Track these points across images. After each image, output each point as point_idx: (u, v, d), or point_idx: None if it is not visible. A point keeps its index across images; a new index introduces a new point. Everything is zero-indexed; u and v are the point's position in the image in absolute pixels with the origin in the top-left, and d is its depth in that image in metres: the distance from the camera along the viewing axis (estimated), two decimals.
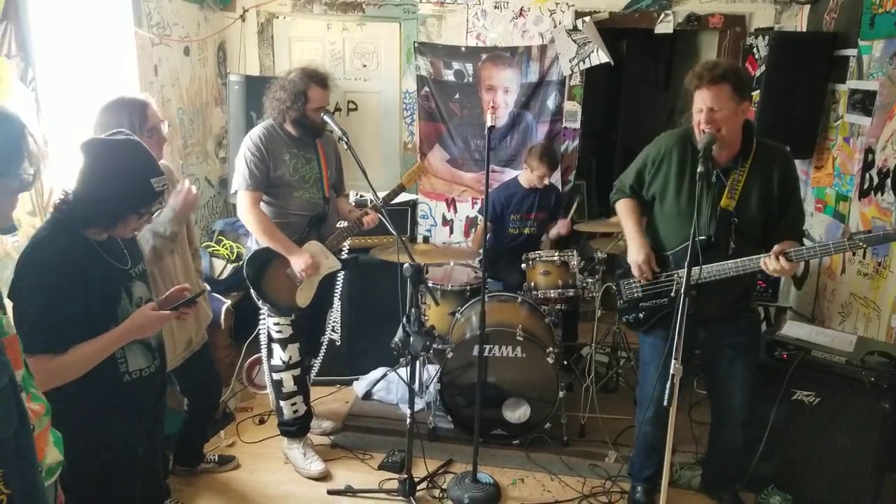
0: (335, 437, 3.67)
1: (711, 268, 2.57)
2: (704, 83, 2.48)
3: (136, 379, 2.06)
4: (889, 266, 3.26)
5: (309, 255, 3.11)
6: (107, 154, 1.96)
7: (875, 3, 3.54)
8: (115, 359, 1.99)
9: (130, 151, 1.98)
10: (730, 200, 2.59)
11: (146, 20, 3.86)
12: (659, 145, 2.77)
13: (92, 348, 1.89)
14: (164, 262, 2.67)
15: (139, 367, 2.08)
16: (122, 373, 2.03)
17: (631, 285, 2.87)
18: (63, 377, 1.84)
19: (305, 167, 3.18)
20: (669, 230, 2.75)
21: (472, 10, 4.92)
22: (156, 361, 2.16)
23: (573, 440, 3.63)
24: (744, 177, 2.59)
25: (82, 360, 1.87)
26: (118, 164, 1.94)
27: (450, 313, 3.97)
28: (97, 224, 1.95)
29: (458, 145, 5.17)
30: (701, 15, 4.73)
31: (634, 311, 2.87)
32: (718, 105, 2.47)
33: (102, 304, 1.94)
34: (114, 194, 1.91)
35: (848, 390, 2.85)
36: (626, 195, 2.91)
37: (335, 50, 5.15)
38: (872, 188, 3.48)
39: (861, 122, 3.65)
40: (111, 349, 1.95)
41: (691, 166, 2.61)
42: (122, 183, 1.93)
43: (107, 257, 1.99)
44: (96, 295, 1.92)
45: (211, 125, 4.86)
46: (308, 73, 3.10)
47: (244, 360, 4.05)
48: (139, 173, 1.96)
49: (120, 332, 1.95)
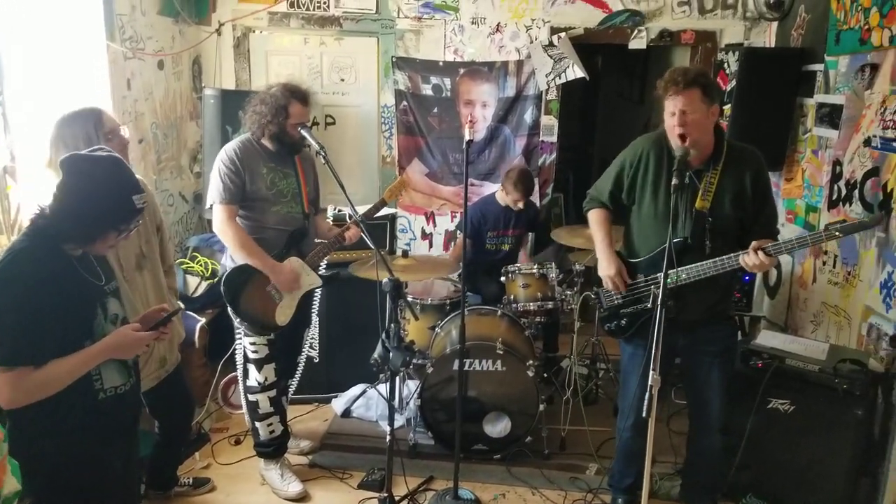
0: (313, 457, 3.62)
1: (691, 269, 2.61)
2: (677, 88, 2.55)
3: (111, 396, 2.03)
4: (858, 275, 3.33)
5: (289, 270, 3.09)
6: (89, 170, 1.94)
7: (840, 19, 3.63)
8: (91, 376, 1.97)
9: (112, 168, 1.97)
10: (704, 202, 2.64)
11: (119, 34, 3.83)
12: (636, 149, 2.81)
13: (71, 363, 1.88)
14: (133, 278, 2.64)
15: (114, 385, 2.05)
16: (97, 390, 2.00)
17: (610, 293, 2.89)
18: (41, 392, 1.84)
19: (283, 182, 3.16)
20: (646, 234, 2.79)
21: (449, 25, 4.96)
22: (131, 379, 2.13)
23: (554, 453, 3.63)
24: (717, 178, 2.65)
25: (61, 374, 1.86)
26: (100, 180, 1.93)
27: (429, 328, 3.97)
28: (76, 240, 1.94)
29: (436, 159, 5.19)
30: (673, 31, 4.82)
31: (616, 319, 2.89)
32: (691, 108, 2.55)
33: (79, 319, 1.93)
34: (95, 211, 1.91)
35: (822, 398, 2.90)
36: (600, 204, 2.94)
37: (313, 64, 5.15)
38: (841, 199, 3.56)
39: (829, 135, 3.74)
40: (90, 365, 1.93)
41: (667, 170, 2.66)
42: (103, 199, 1.92)
43: (83, 273, 1.98)
44: (73, 309, 1.91)
45: (185, 140, 4.82)
46: (290, 88, 3.09)
47: (219, 380, 3.98)
48: (120, 190, 1.95)
49: (99, 350, 1.93)
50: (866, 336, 3.22)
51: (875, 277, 3.17)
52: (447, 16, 4.94)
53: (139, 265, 2.69)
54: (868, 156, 3.30)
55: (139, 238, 2.70)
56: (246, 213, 3.11)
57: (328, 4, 4.95)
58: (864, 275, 3.28)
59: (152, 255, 2.78)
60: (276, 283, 3.07)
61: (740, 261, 2.52)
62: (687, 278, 2.62)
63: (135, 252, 2.67)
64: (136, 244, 2.69)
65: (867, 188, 3.29)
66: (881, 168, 3.18)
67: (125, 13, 3.90)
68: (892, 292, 3.03)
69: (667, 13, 4.80)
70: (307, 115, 3.14)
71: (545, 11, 4.87)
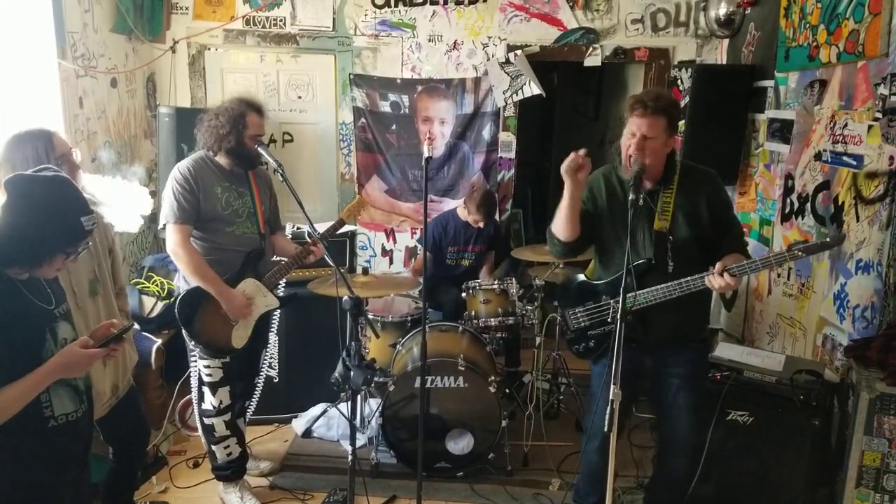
0: (274, 478, 3.54)
1: (656, 290, 2.62)
2: (645, 111, 2.55)
3: (62, 424, 1.95)
4: (812, 286, 3.40)
5: (242, 296, 3.02)
6: (34, 191, 1.85)
7: (789, 37, 3.74)
8: (40, 402, 1.88)
9: (59, 188, 1.90)
10: (663, 222, 2.66)
11: (70, 51, 3.74)
12: (589, 183, 2.78)
13: (17, 390, 1.78)
14: (86, 304, 2.55)
15: (66, 412, 1.97)
16: (46, 417, 1.91)
17: (577, 315, 2.88)
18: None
19: (238, 201, 3.10)
20: (609, 256, 2.79)
21: (406, 42, 4.97)
22: (83, 405, 2.05)
23: (517, 469, 3.62)
24: (672, 198, 2.67)
25: (8, 401, 1.77)
26: (46, 201, 1.85)
27: (390, 345, 3.93)
28: (20, 263, 1.85)
29: (395, 176, 5.17)
30: (627, 48, 4.91)
31: (584, 341, 2.88)
32: (653, 134, 2.55)
33: (26, 346, 1.84)
34: (41, 233, 1.82)
35: (779, 409, 2.93)
36: None
37: (269, 82, 5.10)
38: (793, 212, 3.64)
39: (780, 149, 3.83)
40: (38, 390, 1.84)
41: (621, 194, 2.69)
42: (51, 221, 1.84)
43: (30, 296, 1.89)
44: (19, 336, 1.82)
45: (140, 158, 4.72)
46: (245, 100, 3.07)
47: (176, 401, 3.89)
48: (68, 212, 1.87)
49: (46, 371, 1.84)
50: (821, 347, 3.29)
51: (828, 289, 3.24)
52: (404, 33, 4.95)
53: (93, 290, 2.60)
54: (819, 169, 3.39)
55: (92, 261, 2.61)
56: (200, 234, 3.04)
57: (284, 22, 4.92)
58: (817, 286, 3.36)
59: (104, 279, 2.69)
60: (228, 311, 3.00)
61: (706, 281, 2.54)
62: (653, 299, 2.63)
63: (88, 277, 2.58)
64: (90, 268, 2.60)
65: (818, 201, 3.38)
66: (832, 181, 3.26)
67: (77, 31, 3.81)
68: (846, 303, 3.09)
69: (621, 31, 4.89)
70: (263, 128, 3.10)
71: (501, 29, 4.92)
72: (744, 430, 3.02)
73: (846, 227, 3.10)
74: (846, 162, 3.12)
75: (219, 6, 4.91)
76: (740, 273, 2.50)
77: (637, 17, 4.87)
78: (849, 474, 2.61)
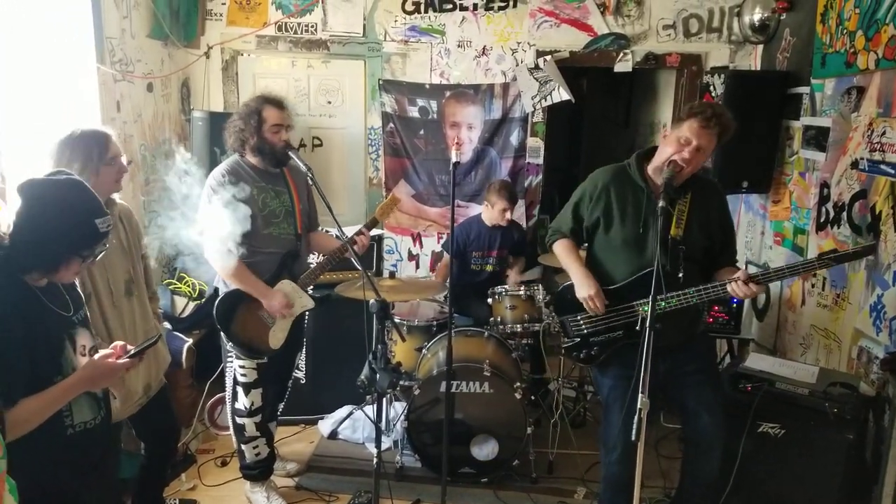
0: (300, 479, 3.57)
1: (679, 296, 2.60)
2: (709, 123, 2.52)
3: (80, 432, 1.95)
4: (847, 297, 3.33)
5: (283, 294, 3.05)
6: (47, 195, 1.85)
7: (825, 43, 3.67)
8: (61, 411, 1.87)
9: (72, 191, 1.89)
10: (678, 229, 2.65)
11: (109, 57, 3.82)
12: (594, 181, 2.83)
13: (41, 402, 1.78)
14: (122, 304, 2.60)
15: (84, 420, 1.97)
16: (66, 426, 1.92)
17: (578, 321, 2.86)
18: (14, 432, 1.72)
19: (275, 201, 3.12)
20: (616, 261, 2.78)
21: (435, 48, 4.99)
22: (101, 412, 2.05)
23: (542, 477, 3.59)
24: (687, 207, 2.67)
25: (31, 414, 1.76)
26: (60, 204, 1.84)
27: (416, 349, 3.94)
28: (38, 269, 1.84)
29: (422, 180, 5.19)
30: (658, 54, 4.87)
31: (586, 347, 2.85)
32: (708, 149, 2.56)
33: (46, 354, 1.83)
34: (56, 237, 1.82)
35: (812, 422, 2.88)
36: (561, 236, 2.94)
37: (300, 87, 5.15)
38: (829, 221, 3.57)
39: (815, 157, 3.76)
40: (62, 402, 1.83)
41: (633, 198, 2.70)
42: (64, 224, 1.83)
43: (49, 304, 1.88)
44: (39, 344, 1.81)
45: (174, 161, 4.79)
46: (262, 95, 3.11)
47: (206, 401, 3.94)
48: (82, 214, 1.87)
49: (71, 384, 1.83)
50: (856, 359, 3.22)
51: (864, 300, 3.17)
52: (433, 39, 4.97)
53: (128, 290, 2.65)
54: (855, 178, 3.33)
55: (127, 262, 2.67)
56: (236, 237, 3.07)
57: (316, 28, 4.97)
58: (853, 297, 3.29)
59: (139, 280, 2.75)
60: (268, 309, 3.04)
61: (729, 289, 2.51)
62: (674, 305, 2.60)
63: (124, 277, 2.64)
64: (126, 268, 2.65)
65: (855, 210, 3.31)
66: (869, 190, 3.20)
67: (115, 36, 3.89)
68: (882, 315, 3.03)
69: (652, 36, 4.85)
70: (283, 118, 3.09)
71: (531, 35, 4.91)
72: (775, 443, 2.97)
73: (883, 236, 3.04)
74: (884, 170, 3.06)
75: (252, 12, 4.98)
76: (766, 280, 2.46)
77: (669, 23, 4.83)
78: (884, 490, 2.56)
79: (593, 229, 2.82)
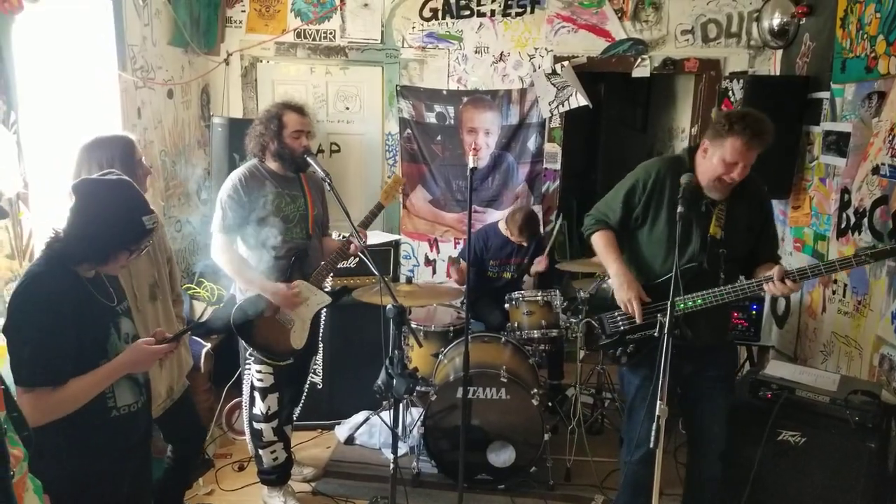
0: (316, 484, 3.58)
1: (706, 294, 2.58)
2: (752, 143, 2.48)
3: (123, 415, 2.08)
4: (869, 304, 3.29)
5: (284, 285, 3.06)
6: (99, 193, 2.01)
7: (845, 47, 3.64)
8: (104, 394, 2.01)
9: (122, 190, 2.04)
10: (717, 229, 2.62)
11: (130, 64, 3.87)
12: (648, 170, 2.73)
13: (88, 382, 1.93)
14: (146, 308, 2.63)
15: (127, 403, 2.10)
16: (110, 408, 2.04)
17: (615, 318, 2.82)
18: (60, 411, 1.88)
19: (290, 206, 3.15)
20: (656, 257, 2.74)
21: (453, 54, 5.00)
22: (142, 397, 2.17)
23: (559, 484, 3.58)
24: (730, 207, 2.65)
25: (78, 393, 1.90)
26: (110, 202, 2.00)
27: (433, 355, 3.94)
28: (88, 261, 1.99)
29: (440, 186, 5.20)
30: (677, 59, 4.85)
31: (622, 345, 2.80)
32: (748, 164, 2.52)
33: (93, 339, 1.98)
34: (106, 231, 1.97)
35: (833, 430, 2.84)
36: (604, 226, 2.83)
37: (318, 93, 5.19)
38: (850, 227, 3.53)
39: (836, 162, 3.73)
40: (106, 383, 1.98)
41: (699, 204, 2.64)
42: (114, 220, 1.98)
43: (96, 294, 2.03)
44: (88, 330, 1.96)
45: (193, 167, 4.84)
46: (282, 102, 3.14)
47: (224, 405, 3.96)
48: (130, 211, 2.01)
49: (115, 366, 1.99)
50: (878, 367, 3.18)
51: (886, 307, 3.13)
52: (451, 45, 4.99)
53: (152, 295, 2.69)
54: (877, 184, 3.29)
55: (152, 268, 2.71)
56: (251, 244, 3.10)
57: (334, 35, 5.01)
58: (874, 304, 3.25)
59: (163, 284, 2.79)
60: (276, 302, 3.04)
61: (766, 288, 2.48)
62: (703, 304, 2.58)
63: (148, 282, 2.68)
64: (150, 273, 2.70)
65: (876, 216, 3.27)
66: (890, 196, 3.16)
67: (137, 44, 3.94)
68: None
69: (670, 42, 4.84)
70: (303, 124, 3.11)
71: (548, 40, 4.91)
72: (795, 451, 2.93)
73: None
74: None
75: (271, 20, 5.02)
76: (801, 278, 2.43)
77: (687, 28, 4.81)
78: None
79: (641, 221, 2.74)
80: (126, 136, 2.60)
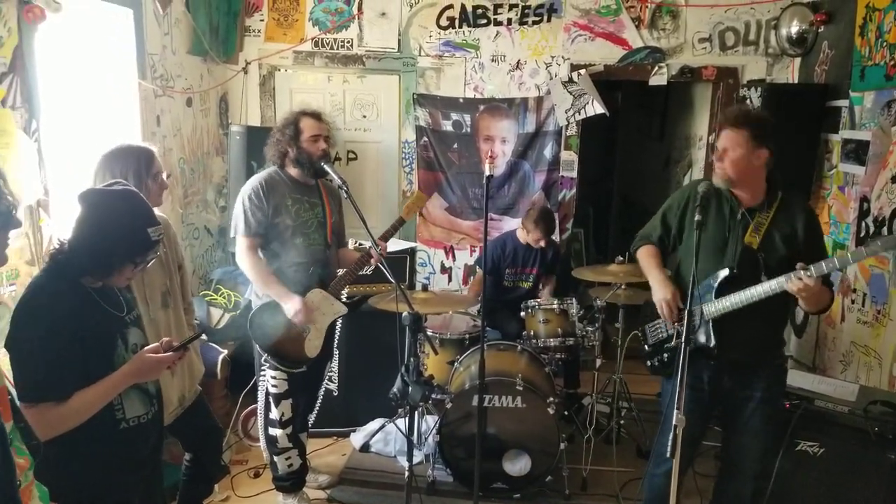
0: (332, 492, 3.58)
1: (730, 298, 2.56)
2: (723, 125, 2.62)
3: (132, 426, 2.03)
4: (889, 314, 3.25)
5: (300, 300, 3.07)
6: (105, 204, 1.97)
7: (864, 55, 3.62)
8: (112, 405, 1.96)
9: (128, 202, 2.00)
10: (753, 237, 2.61)
11: (150, 72, 3.92)
12: (683, 192, 2.85)
13: (92, 394, 1.87)
14: (158, 316, 2.66)
15: (136, 414, 2.04)
16: (118, 420, 1.99)
17: (657, 327, 2.83)
18: (65, 425, 1.83)
19: (309, 213, 3.18)
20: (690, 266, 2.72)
21: (469, 63, 5.02)
22: (153, 408, 2.12)
23: (575, 493, 3.56)
24: (768, 219, 2.63)
25: (83, 406, 1.86)
26: (116, 213, 1.95)
27: (449, 362, 3.94)
28: (93, 273, 1.95)
29: (456, 194, 5.21)
30: (694, 67, 4.83)
31: (658, 354, 2.82)
32: (732, 147, 2.56)
33: (99, 351, 1.93)
34: (111, 243, 1.92)
35: (852, 441, 2.81)
36: (647, 241, 2.92)
37: (336, 101, 5.23)
38: (869, 236, 3.50)
39: (855, 171, 3.70)
40: (112, 394, 1.93)
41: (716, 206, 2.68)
42: (119, 232, 1.94)
43: (103, 304, 1.98)
44: (93, 342, 1.91)
45: (211, 174, 4.89)
46: (299, 109, 3.19)
47: (240, 411, 3.98)
48: (137, 223, 1.97)
49: (120, 377, 1.93)
50: None
51: None
52: (468, 54, 5.01)
53: (164, 303, 2.71)
54: None
55: (164, 275, 2.72)
56: (269, 246, 3.13)
57: (352, 44, 5.05)
58: (894, 314, 3.21)
59: (175, 292, 2.80)
60: (288, 313, 3.06)
61: (787, 285, 2.45)
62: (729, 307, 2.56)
63: (161, 290, 2.69)
64: (163, 281, 2.71)
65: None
66: None
67: (156, 52, 4.00)
68: None
69: (687, 50, 4.83)
70: (320, 129, 3.15)
71: (565, 49, 4.92)
72: (814, 462, 2.90)
73: None
74: None
75: (289, 29, 5.07)
76: (817, 273, 2.40)
77: (705, 36, 4.80)
78: None
79: (678, 241, 2.83)
80: (148, 147, 2.61)
